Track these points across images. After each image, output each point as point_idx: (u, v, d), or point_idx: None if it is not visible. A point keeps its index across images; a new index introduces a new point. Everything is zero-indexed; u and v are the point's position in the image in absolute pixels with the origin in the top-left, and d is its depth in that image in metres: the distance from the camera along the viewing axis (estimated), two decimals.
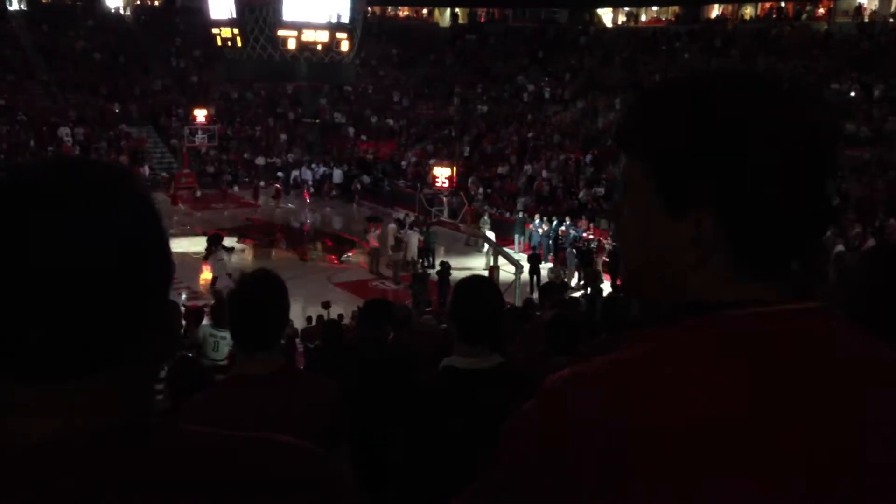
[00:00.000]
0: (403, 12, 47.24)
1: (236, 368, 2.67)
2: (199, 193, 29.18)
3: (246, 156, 33.74)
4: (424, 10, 47.26)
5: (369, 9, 34.13)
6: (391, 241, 20.89)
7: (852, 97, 25.86)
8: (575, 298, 9.72)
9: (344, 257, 22.83)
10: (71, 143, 31.50)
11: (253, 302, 2.32)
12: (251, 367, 2.33)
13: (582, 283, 18.17)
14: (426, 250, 21.34)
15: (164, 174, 31.55)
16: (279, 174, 31.88)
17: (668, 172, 0.87)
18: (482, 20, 45.78)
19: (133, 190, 0.81)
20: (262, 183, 30.87)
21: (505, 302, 2.80)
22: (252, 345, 2.33)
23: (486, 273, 19.55)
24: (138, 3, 44.24)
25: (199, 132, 31.86)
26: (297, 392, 2.36)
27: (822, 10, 33.88)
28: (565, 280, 18.07)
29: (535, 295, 15.07)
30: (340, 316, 13.83)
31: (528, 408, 0.90)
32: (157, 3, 44.69)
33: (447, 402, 2.46)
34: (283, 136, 35.49)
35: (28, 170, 0.78)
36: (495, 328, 2.52)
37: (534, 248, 21.45)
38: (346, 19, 26.46)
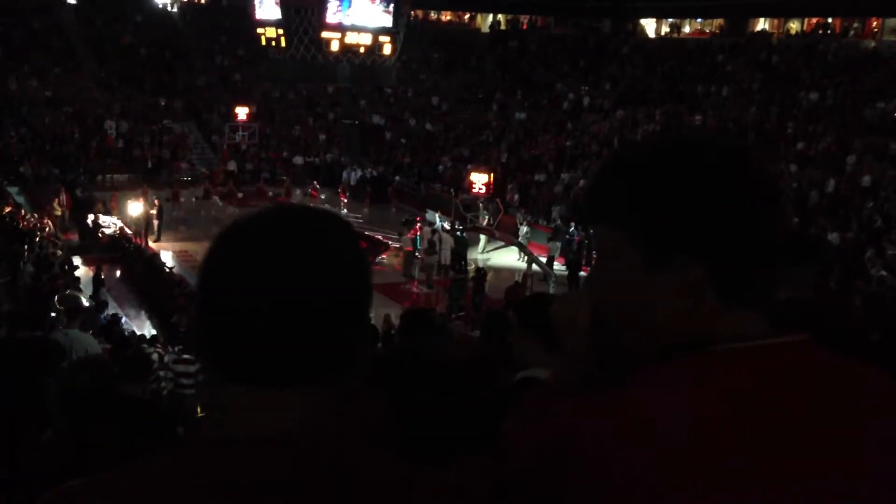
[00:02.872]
0: (446, 17, 47.31)
1: None
2: (240, 195, 29.35)
3: (284, 154, 34.05)
4: (467, 16, 47.31)
5: (412, 13, 34.31)
6: (424, 245, 20.96)
7: None
8: None
9: (378, 259, 22.94)
10: (115, 136, 32.03)
11: None
12: None
13: None
14: (459, 254, 21.37)
15: (203, 170, 31.96)
16: (316, 175, 32.08)
17: (651, 231, 0.94)
18: (524, 27, 45.72)
19: (348, 235, 0.96)
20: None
21: None
22: None
23: (517, 275, 19.60)
24: (185, 0, 44.84)
25: (240, 130, 32.25)
26: (346, 406, 2.41)
27: (874, 26, 33.35)
28: None
29: None
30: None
31: (535, 430, 0.96)
32: (203, 1, 45.24)
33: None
34: (322, 136, 35.76)
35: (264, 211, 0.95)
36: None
37: (571, 255, 21.38)
38: (389, 23, 26.65)
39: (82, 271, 18.52)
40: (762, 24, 37.25)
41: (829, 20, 34.29)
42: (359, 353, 0.94)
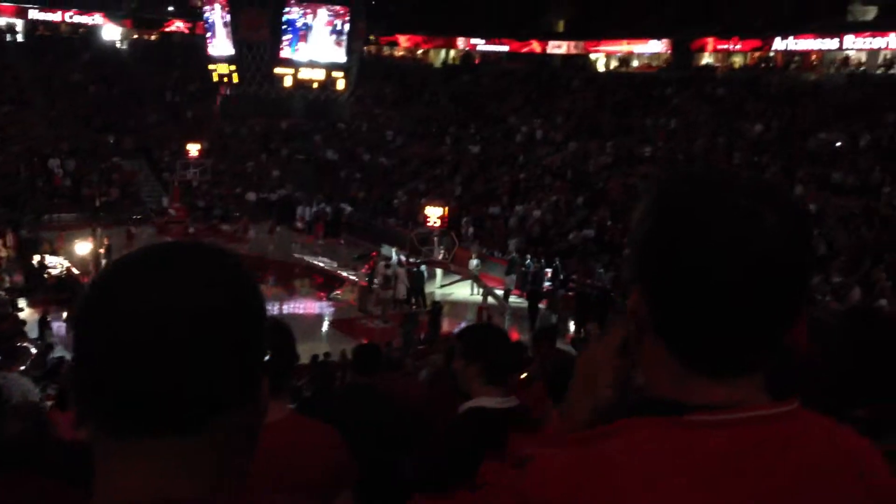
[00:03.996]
0: (399, 52, 47.78)
1: None
2: (191, 230, 29.07)
3: (237, 191, 33.81)
4: (420, 51, 47.82)
5: (365, 48, 34.55)
6: (379, 279, 20.90)
7: (839, 147, 26.22)
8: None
9: (333, 294, 22.81)
10: (62, 175, 31.51)
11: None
12: None
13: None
14: (416, 290, 21.34)
15: (153, 207, 31.56)
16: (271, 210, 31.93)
17: (628, 250, 0.98)
18: (476, 61, 46.36)
19: (239, 272, 0.88)
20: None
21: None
22: None
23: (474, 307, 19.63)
24: (135, 37, 44.57)
25: (192, 166, 31.94)
26: (302, 441, 2.37)
27: (814, 59, 34.48)
28: (554, 323, 18.08)
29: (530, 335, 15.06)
30: (327, 354, 13.80)
31: (502, 478, 0.96)
32: (154, 38, 45.03)
33: (482, 441, 2.56)
34: (276, 172, 35.61)
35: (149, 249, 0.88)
36: (517, 369, 2.69)
37: (528, 287, 21.50)
38: (343, 58, 26.78)
39: (27, 313, 18.06)
40: (707, 59, 38.28)
41: (771, 54, 35.36)
42: (251, 395, 0.86)
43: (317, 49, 26.27)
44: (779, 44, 34.39)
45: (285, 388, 2.44)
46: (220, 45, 26.59)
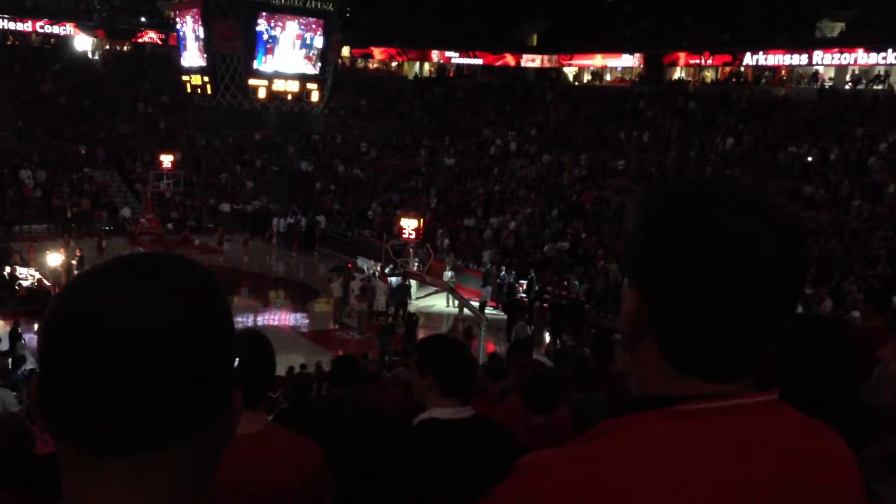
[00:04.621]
0: (373, 65, 47.83)
1: None
2: (164, 241, 28.78)
3: (211, 202, 33.58)
4: (394, 64, 47.90)
5: (339, 60, 34.54)
6: (356, 291, 20.84)
7: (809, 161, 26.60)
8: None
9: (307, 306, 22.71)
10: (32, 186, 31.13)
11: (238, 361, 2.32)
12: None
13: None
14: (400, 303, 21.37)
15: (127, 218, 31.24)
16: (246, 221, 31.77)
17: (625, 253, 1.02)
18: (451, 74, 46.52)
19: (207, 285, 0.86)
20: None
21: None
22: None
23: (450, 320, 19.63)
24: (107, 47, 44.20)
25: (165, 177, 31.69)
26: (280, 453, 2.36)
27: (783, 74, 35.00)
28: (529, 335, 18.10)
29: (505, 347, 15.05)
30: (303, 366, 13.74)
31: (500, 488, 0.98)
32: (126, 49, 44.68)
33: (433, 452, 2.56)
34: (250, 184, 35.44)
35: (116, 263, 0.85)
36: (472, 382, 2.67)
37: (504, 299, 21.57)
38: (316, 70, 26.74)
39: None
40: (679, 73, 38.72)
41: (742, 69, 35.84)
42: (221, 410, 0.85)
43: (290, 61, 26.22)
44: (749, 59, 34.87)
45: (263, 400, 2.43)
46: (193, 55, 26.45)
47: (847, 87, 32.17)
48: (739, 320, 0.92)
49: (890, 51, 30.28)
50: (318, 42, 26.61)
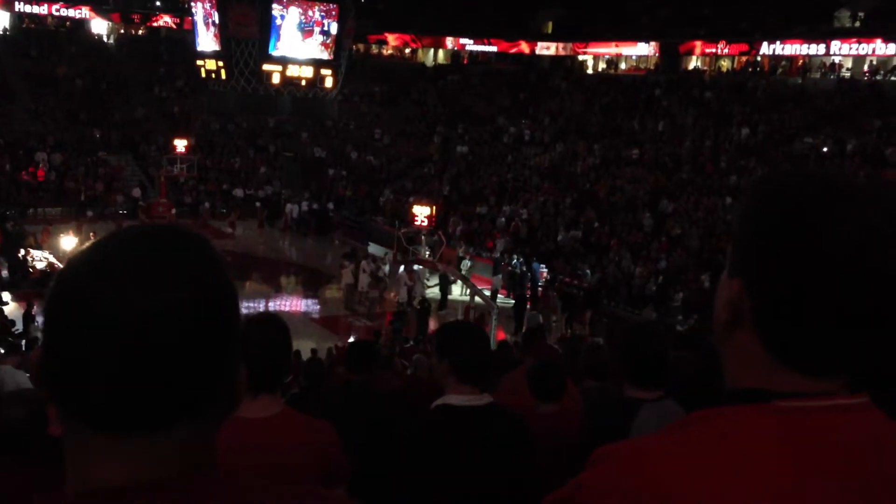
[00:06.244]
0: (387, 51, 47.73)
1: (238, 410, 2.67)
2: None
3: (224, 187, 33.65)
4: (408, 50, 47.78)
5: (353, 46, 34.47)
6: (368, 278, 20.86)
7: (825, 151, 26.40)
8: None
9: (319, 291, 22.77)
10: (47, 169, 31.27)
11: (257, 345, 2.34)
12: (253, 409, 2.33)
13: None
14: (443, 292, 21.48)
15: (141, 202, 31.34)
16: (257, 204, 31.82)
17: (733, 241, 1.00)
18: (465, 61, 46.36)
19: (210, 260, 0.85)
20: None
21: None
22: (256, 387, 2.34)
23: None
24: (122, 31, 44.28)
25: (178, 162, 31.74)
26: (296, 436, 2.37)
27: (800, 64, 34.71)
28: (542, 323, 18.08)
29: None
30: (314, 351, 13.77)
31: (584, 478, 0.97)
32: (141, 32, 44.75)
33: (446, 438, 2.58)
34: (263, 169, 35.48)
35: (118, 237, 0.85)
36: (489, 369, 2.68)
37: (517, 289, 21.53)
38: (330, 56, 26.71)
39: (12, 307, 17.89)
40: (695, 62, 38.46)
41: (758, 58, 35.56)
42: (228, 387, 0.85)
43: (304, 46, 26.19)
44: (766, 48, 34.59)
45: (280, 384, 2.44)
46: (208, 40, 26.47)
47: (864, 77, 31.87)
48: (851, 315, 0.91)
49: None
50: (334, 28, 26.56)
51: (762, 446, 0.89)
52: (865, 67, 32.68)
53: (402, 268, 21.56)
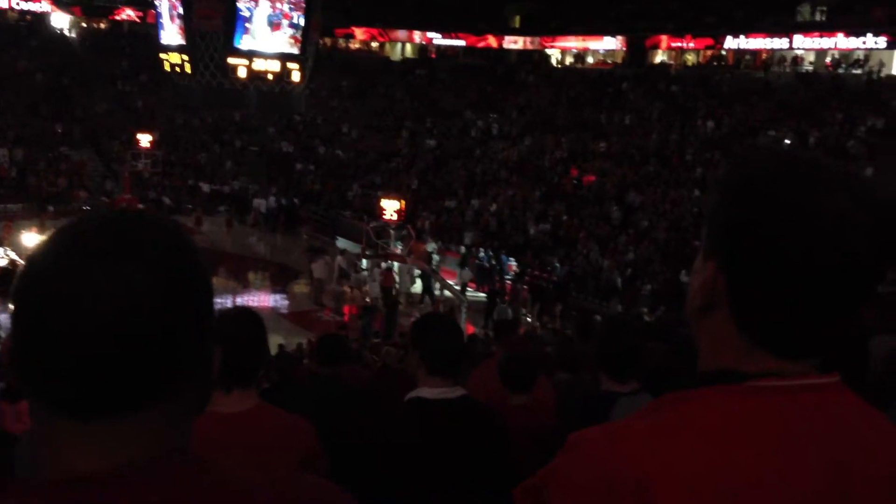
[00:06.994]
0: (354, 45, 47.48)
1: (212, 405, 2.64)
2: None
3: (190, 182, 33.27)
4: (375, 44, 47.59)
5: (321, 40, 34.22)
6: (336, 273, 20.79)
7: (787, 144, 26.77)
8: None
9: (287, 287, 22.64)
10: (8, 164, 30.70)
11: (231, 339, 2.31)
12: (227, 404, 2.31)
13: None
14: (427, 288, 21.45)
15: (104, 198, 30.89)
16: (221, 209, 31.50)
17: (707, 224, 1.00)
18: (432, 55, 46.28)
19: (179, 244, 0.84)
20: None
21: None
22: (229, 382, 2.32)
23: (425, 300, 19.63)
24: (84, 25, 43.54)
25: (143, 157, 31.31)
26: (272, 431, 2.35)
27: (764, 57, 35.15)
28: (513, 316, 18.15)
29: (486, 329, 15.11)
30: (281, 346, 13.71)
31: (558, 464, 0.96)
32: (103, 26, 44.04)
33: (419, 432, 2.58)
34: (229, 164, 35.14)
35: (85, 223, 0.83)
36: (460, 359, 2.68)
37: (486, 281, 21.59)
38: (297, 50, 26.47)
39: None
40: (661, 56, 38.77)
41: (723, 52, 35.96)
42: (202, 370, 0.85)
43: (270, 40, 25.93)
44: (730, 42, 34.97)
45: (255, 378, 2.41)
46: (172, 33, 26.08)
47: (827, 71, 32.37)
48: (823, 297, 0.92)
49: (869, 35, 30.50)
50: (302, 21, 26.31)
51: (737, 425, 0.90)
52: (828, 60, 33.19)
53: (382, 264, 21.49)
